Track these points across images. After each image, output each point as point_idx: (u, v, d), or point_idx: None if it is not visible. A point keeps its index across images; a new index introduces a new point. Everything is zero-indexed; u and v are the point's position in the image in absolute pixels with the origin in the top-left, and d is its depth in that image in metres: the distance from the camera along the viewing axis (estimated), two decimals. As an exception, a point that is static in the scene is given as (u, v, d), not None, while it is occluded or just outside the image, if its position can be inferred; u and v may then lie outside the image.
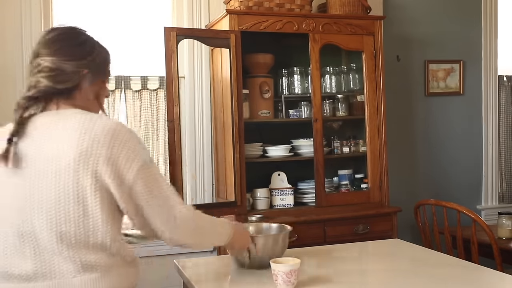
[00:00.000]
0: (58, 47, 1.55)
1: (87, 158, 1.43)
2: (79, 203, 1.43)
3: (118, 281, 1.50)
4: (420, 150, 4.17)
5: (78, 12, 3.38)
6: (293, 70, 3.54)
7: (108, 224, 1.46)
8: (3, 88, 3.18)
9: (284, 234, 2.03)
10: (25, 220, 1.45)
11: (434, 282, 1.85)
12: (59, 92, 1.53)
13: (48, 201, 1.43)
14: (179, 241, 1.58)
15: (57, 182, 1.43)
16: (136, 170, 1.47)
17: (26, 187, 1.45)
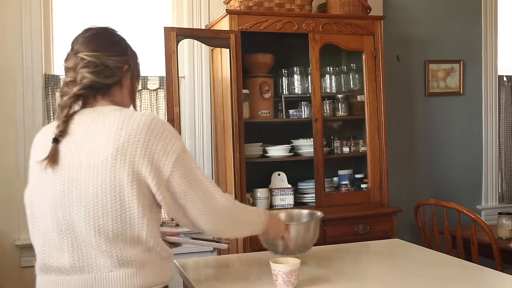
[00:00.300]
0: (99, 44, 1.57)
1: (124, 153, 1.46)
2: (116, 197, 1.46)
3: (153, 276, 1.53)
4: (420, 150, 4.17)
5: (78, 12, 3.39)
6: (293, 70, 3.54)
7: (144, 218, 1.49)
8: (3, 88, 3.18)
9: (315, 220, 2.04)
10: (64, 215, 1.49)
11: (434, 282, 1.85)
12: (102, 87, 1.57)
13: (86, 195, 1.46)
14: (217, 230, 1.65)
15: (95, 177, 1.46)
16: (173, 162, 1.50)
17: (65, 183, 1.49)
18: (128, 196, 1.46)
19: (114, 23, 3.41)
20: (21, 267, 3.18)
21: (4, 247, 3.17)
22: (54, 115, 3.21)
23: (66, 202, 1.49)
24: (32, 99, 3.20)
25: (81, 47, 1.57)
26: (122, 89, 1.63)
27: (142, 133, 1.48)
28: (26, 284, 3.19)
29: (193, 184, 1.54)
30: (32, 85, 3.20)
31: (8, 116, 3.19)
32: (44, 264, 1.54)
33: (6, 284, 3.15)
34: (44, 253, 1.54)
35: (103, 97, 1.59)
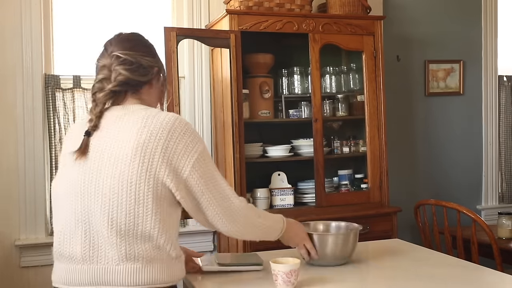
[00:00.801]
0: (133, 44, 1.66)
1: (144, 150, 1.51)
2: (131, 191, 1.50)
3: (159, 274, 1.55)
4: (420, 150, 4.17)
5: (78, 12, 3.38)
6: (293, 70, 3.53)
7: (158, 214, 1.52)
8: (3, 87, 3.18)
9: (354, 233, 2.05)
10: (82, 204, 1.55)
11: (434, 282, 1.85)
12: (135, 85, 1.63)
13: (104, 187, 1.52)
14: (232, 231, 1.69)
15: (113, 170, 1.51)
16: (192, 164, 1.55)
17: (87, 174, 1.55)
18: (143, 191, 1.51)
19: (114, 23, 3.44)
20: (21, 267, 3.18)
21: (4, 247, 3.17)
22: (54, 115, 3.21)
23: (85, 191, 1.54)
24: (32, 99, 3.20)
25: (115, 47, 1.65)
26: (151, 89, 1.69)
27: (164, 132, 1.53)
28: (26, 284, 3.19)
29: (210, 185, 1.59)
30: (32, 85, 3.20)
31: (8, 116, 3.19)
32: (59, 252, 1.59)
33: (6, 284, 3.15)
34: (59, 241, 1.59)
35: (132, 95, 1.65)
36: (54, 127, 3.20)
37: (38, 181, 3.20)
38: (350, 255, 2.07)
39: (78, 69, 3.31)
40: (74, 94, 3.27)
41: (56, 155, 3.19)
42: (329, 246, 2.01)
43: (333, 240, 2.02)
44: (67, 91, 3.26)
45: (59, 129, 3.22)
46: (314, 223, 2.25)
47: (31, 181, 3.18)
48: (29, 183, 3.18)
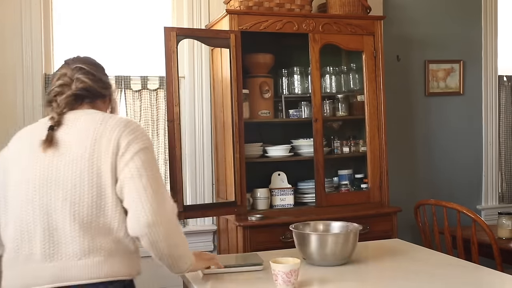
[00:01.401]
0: (94, 63, 1.81)
1: (100, 143, 1.59)
2: (93, 184, 1.56)
3: (120, 266, 1.59)
4: (420, 150, 4.17)
5: (78, 12, 3.39)
6: (293, 70, 3.53)
7: (117, 206, 1.58)
8: (3, 87, 3.18)
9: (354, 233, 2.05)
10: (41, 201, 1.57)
11: (434, 282, 1.85)
12: (93, 94, 1.74)
13: (64, 182, 1.57)
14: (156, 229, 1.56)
15: (74, 167, 1.57)
16: (137, 150, 1.61)
17: (49, 169, 1.59)
18: (104, 184, 1.57)
19: (114, 23, 3.44)
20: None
21: (4, 247, 3.16)
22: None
23: (45, 188, 1.58)
24: (32, 98, 3.20)
25: (78, 62, 1.77)
26: (104, 105, 1.81)
27: (118, 127, 1.62)
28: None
29: (149, 172, 1.60)
30: (32, 84, 3.20)
31: (8, 116, 3.19)
32: (14, 257, 1.59)
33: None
34: (15, 242, 1.59)
35: (88, 104, 1.74)
36: (54, 127, 3.20)
37: (38, 181, 3.19)
38: (350, 255, 2.07)
39: (78, 69, 3.31)
40: (74, 94, 3.26)
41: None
42: (329, 246, 2.01)
43: (333, 240, 2.02)
44: (67, 91, 3.25)
45: (59, 129, 3.21)
46: (314, 223, 2.26)
47: (31, 181, 3.18)
48: (29, 183, 3.18)
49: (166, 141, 3.32)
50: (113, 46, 3.41)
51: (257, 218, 3.09)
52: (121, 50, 3.43)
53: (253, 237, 3.04)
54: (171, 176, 2.96)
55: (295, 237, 2.10)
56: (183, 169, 3.18)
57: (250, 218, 3.09)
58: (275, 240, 3.05)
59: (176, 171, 2.94)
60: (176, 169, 2.95)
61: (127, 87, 3.37)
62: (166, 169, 3.40)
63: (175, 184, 2.93)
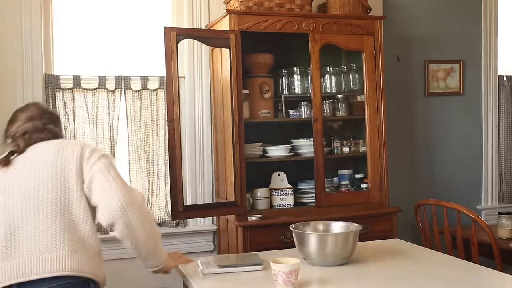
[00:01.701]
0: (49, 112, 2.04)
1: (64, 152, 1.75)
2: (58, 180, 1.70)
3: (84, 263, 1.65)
4: (420, 150, 4.17)
5: (78, 12, 3.38)
6: (293, 70, 3.53)
7: (81, 202, 1.69)
8: (3, 87, 3.18)
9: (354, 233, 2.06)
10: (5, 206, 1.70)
11: (434, 282, 1.85)
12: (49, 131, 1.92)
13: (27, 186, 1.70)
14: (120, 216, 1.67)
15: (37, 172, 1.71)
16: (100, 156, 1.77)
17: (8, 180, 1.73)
18: (69, 184, 1.69)
19: (114, 23, 3.44)
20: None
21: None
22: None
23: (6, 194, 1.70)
24: (32, 99, 3.19)
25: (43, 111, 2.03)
26: None
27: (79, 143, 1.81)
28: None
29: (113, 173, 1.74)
30: (32, 85, 3.20)
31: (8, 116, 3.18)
32: None
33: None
34: None
35: None
36: (54, 127, 3.20)
37: (38, 181, 3.19)
38: (350, 255, 2.07)
39: (78, 69, 3.32)
40: (74, 94, 3.27)
41: (56, 155, 3.20)
42: (329, 246, 2.01)
43: (333, 240, 2.02)
44: (67, 91, 3.26)
45: (59, 129, 3.22)
46: (314, 223, 2.26)
47: (31, 181, 3.18)
48: (29, 183, 3.18)
49: (166, 141, 3.32)
50: (113, 46, 3.41)
51: (257, 218, 3.09)
52: (121, 50, 3.43)
53: (253, 237, 3.04)
54: (171, 176, 2.95)
55: (295, 237, 2.11)
56: (183, 169, 3.18)
57: (250, 218, 3.09)
58: (275, 240, 3.05)
59: (176, 171, 2.94)
60: (176, 169, 2.94)
61: (127, 87, 3.37)
62: (166, 169, 3.40)
63: (175, 184, 2.93)
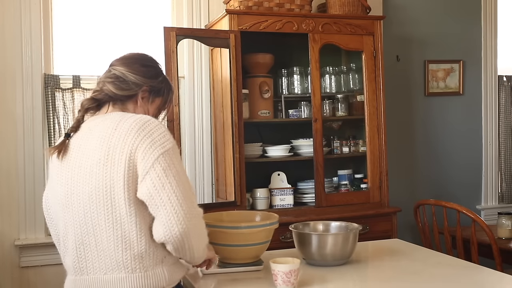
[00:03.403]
0: (130, 62, 1.72)
1: (113, 153, 1.52)
2: (107, 197, 1.51)
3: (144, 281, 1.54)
4: (420, 150, 4.17)
5: (78, 12, 3.38)
6: (292, 70, 3.53)
7: (132, 217, 1.52)
8: (2, 87, 3.17)
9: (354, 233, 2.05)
10: (69, 216, 1.58)
11: (434, 282, 1.85)
12: (117, 98, 1.68)
13: (83, 196, 1.55)
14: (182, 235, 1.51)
15: (90, 178, 1.54)
16: (157, 156, 1.51)
17: (68, 184, 1.58)
18: (118, 195, 1.51)
19: (113, 23, 3.44)
20: (21, 267, 3.18)
21: (4, 247, 3.17)
22: (54, 115, 3.21)
23: (69, 203, 1.57)
24: (31, 99, 3.20)
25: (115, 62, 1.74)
26: (136, 106, 1.71)
27: (132, 132, 1.53)
28: (26, 284, 3.19)
29: (172, 179, 1.50)
30: (32, 85, 3.20)
31: (7, 116, 3.19)
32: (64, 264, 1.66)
33: (5, 284, 3.15)
34: (61, 254, 1.66)
35: (115, 106, 1.68)
36: (54, 127, 3.20)
37: (37, 181, 3.19)
38: (350, 255, 2.07)
39: (77, 69, 3.31)
40: (73, 94, 3.27)
41: (56, 155, 3.19)
42: (329, 246, 2.01)
43: (333, 240, 2.02)
44: (66, 91, 3.25)
45: (58, 129, 3.21)
46: (314, 223, 2.26)
47: (30, 181, 3.18)
48: (28, 183, 3.18)
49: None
50: (113, 46, 3.41)
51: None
52: (121, 50, 3.42)
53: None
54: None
55: (295, 237, 2.10)
56: (183, 169, 3.17)
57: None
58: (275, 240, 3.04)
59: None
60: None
61: (126, 87, 3.36)
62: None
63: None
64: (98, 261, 1.53)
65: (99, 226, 1.52)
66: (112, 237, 1.52)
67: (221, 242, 1.97)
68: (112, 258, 1.53)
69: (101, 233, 1.52)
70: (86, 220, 1.53)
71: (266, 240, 2.04)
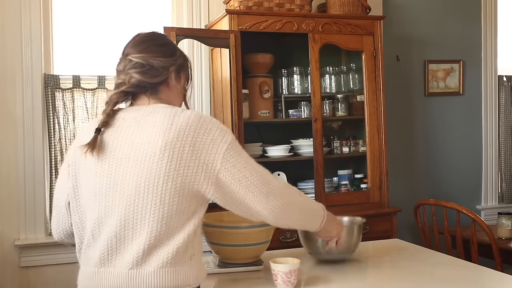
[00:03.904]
0: (146, 46, 1.64)
1: (173, 148, 1.48)
2: (157, 191, 1.47)
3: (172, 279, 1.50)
4: (420, 150, 4.17)
5: (78, 12, 3.38)
6: (292, 70, 3.54)
7: (181, 215, 1.50)
8: (2, 87, 3.17)
9: (358, 225, 2.04)
10: (106, 206, 1.51)
11: (434, 282, 1.85)
12: (149, 86, 1.62)
13: (129, 187, 1.48)
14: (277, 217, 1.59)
15: (140, 169, 1.48)
16: (223, 155, 1.51)
17: (111, 175, 1.51)
18: (170, 191, 1.47)
19: (114, 23, 3.43)
20: (21, 267, 3.18)
21: (4, 247, 3.17)
22: (54, 115, 3.21)
23: (110, 193, 1.51)
24: (31, 99, 3.20)
25: (130, 50, 1.65)
26: (169, 89, 1.67)
27: (191, 129, 1.51)
28: (26, 284, 3.19)
29: (246, 172, 1.53)
30: (32, 85, 3.20)
31: (7, 116, 3.19)
32: (83, 255, 1.59)
33: (6, 284, 3.15)
34: (81, 244, 1.59)
35: (150, 96, 1.63)
36: (54, 127, 3.20)
37: (37, 181, 3.19)
38: (355, 248, 2.06)
39: (77, 69, 3.32)
40: (73, 94, 3.27)
41: (56, 155, 3.19)
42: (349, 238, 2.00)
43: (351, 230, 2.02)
44: (66, 91, 3.25)
45: (58, 129, 3.21)
46: None
47: (30, 181, 3.18)
48: (28, 183, 3.18)
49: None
50: (113, 46, 3.41)
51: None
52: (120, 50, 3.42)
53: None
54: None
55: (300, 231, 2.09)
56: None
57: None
58: (275, 240, 3.04)
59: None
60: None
61: (126, 87, 3.36)
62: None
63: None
64: (129, 254, 1.48)
65: (141, 220, 1.48)
66: (154, 232, 1.47)
67: (221, 242, 1.97)
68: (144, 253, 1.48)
69: (142, 227, 1.47)
70: (128, 213, 1.48)
71: (266, 240, 2.03)
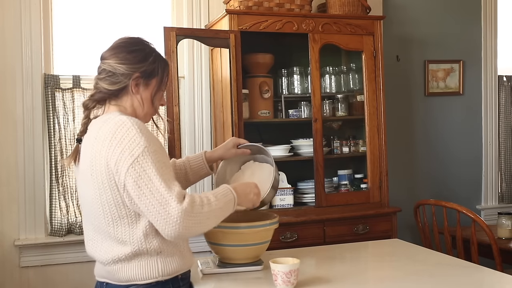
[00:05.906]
0: (115, 52, 1.67)
1: (96, 163, 1.58)
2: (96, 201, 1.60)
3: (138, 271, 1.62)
4: (420, 150, 4.17)
5: (78, 13, 3.38)
6: (292, 70, 3.54)
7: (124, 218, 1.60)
8: (2, 87, 3.17)
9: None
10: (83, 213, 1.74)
11: (434, 282, 1.85)
12: (110, 93, 1.66)
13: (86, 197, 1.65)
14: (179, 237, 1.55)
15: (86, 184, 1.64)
16: (126, 169, 1.53)
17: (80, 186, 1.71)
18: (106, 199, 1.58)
19: (113, 23, 3.43)
20: (21, 267, 3.18)
21: (4, 247, 3.17)
22: (54, 115, 3.21)
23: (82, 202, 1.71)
24: (31, 99, 3.20)
25: (104, 54, 1.70)
26: (131, 96, 1.68)
27: (106, 141, 1.55)
28: (26, 284, 3.19)
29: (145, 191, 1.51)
30: (32, 85, 3.20)
31: (7, 116, 3.19)
32: None
33: (6, 284, 3.15)
34: None
35: (112, 102, 1.68)
36: (54, 127, 3.20)
37: (37, 181, 3.19)
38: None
39: (77, 69, 3.31)
40: (73, 94, 3.27)
41: (56, 155, 3.19)
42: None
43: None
44: (66, 91, 3.25)
45: (58, 129, 3.21)
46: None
47: (30, 181, 3.18)
48: (28, 183, 3.18)
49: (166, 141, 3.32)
50: (113, 46, 3.41)
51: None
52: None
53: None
54: (171, 176, 2.95)
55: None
56: (183, 169, 3.17)
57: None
58: (275, 240, 3.04)
59: (175, 171, 2.94)
60: (176, 169, 2.94)
61: (126, 87, 3.36)
62: (165, 169, 3.39)
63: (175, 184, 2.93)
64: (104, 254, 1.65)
65: (100, 226, 1.63)
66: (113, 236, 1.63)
67: (221, 242, 1.97)
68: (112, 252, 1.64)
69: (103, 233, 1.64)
70: (93, 220, 1.65)
71: (266, 240, 2.03)
